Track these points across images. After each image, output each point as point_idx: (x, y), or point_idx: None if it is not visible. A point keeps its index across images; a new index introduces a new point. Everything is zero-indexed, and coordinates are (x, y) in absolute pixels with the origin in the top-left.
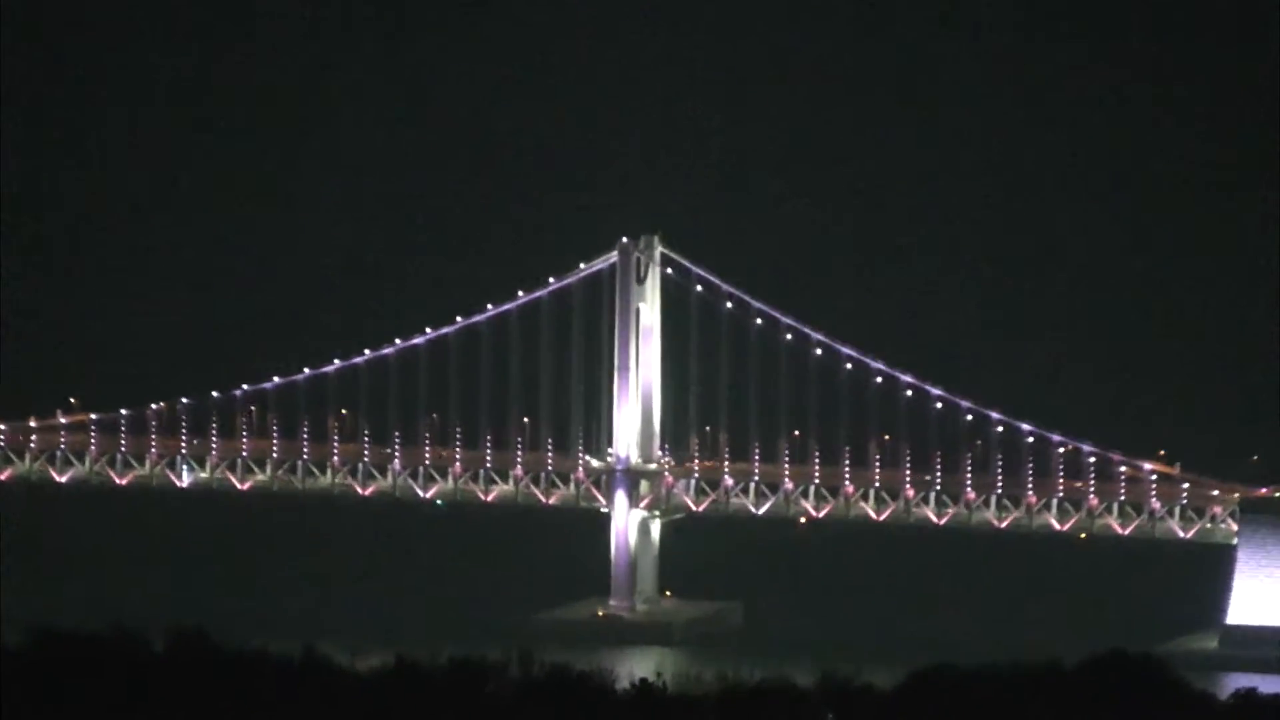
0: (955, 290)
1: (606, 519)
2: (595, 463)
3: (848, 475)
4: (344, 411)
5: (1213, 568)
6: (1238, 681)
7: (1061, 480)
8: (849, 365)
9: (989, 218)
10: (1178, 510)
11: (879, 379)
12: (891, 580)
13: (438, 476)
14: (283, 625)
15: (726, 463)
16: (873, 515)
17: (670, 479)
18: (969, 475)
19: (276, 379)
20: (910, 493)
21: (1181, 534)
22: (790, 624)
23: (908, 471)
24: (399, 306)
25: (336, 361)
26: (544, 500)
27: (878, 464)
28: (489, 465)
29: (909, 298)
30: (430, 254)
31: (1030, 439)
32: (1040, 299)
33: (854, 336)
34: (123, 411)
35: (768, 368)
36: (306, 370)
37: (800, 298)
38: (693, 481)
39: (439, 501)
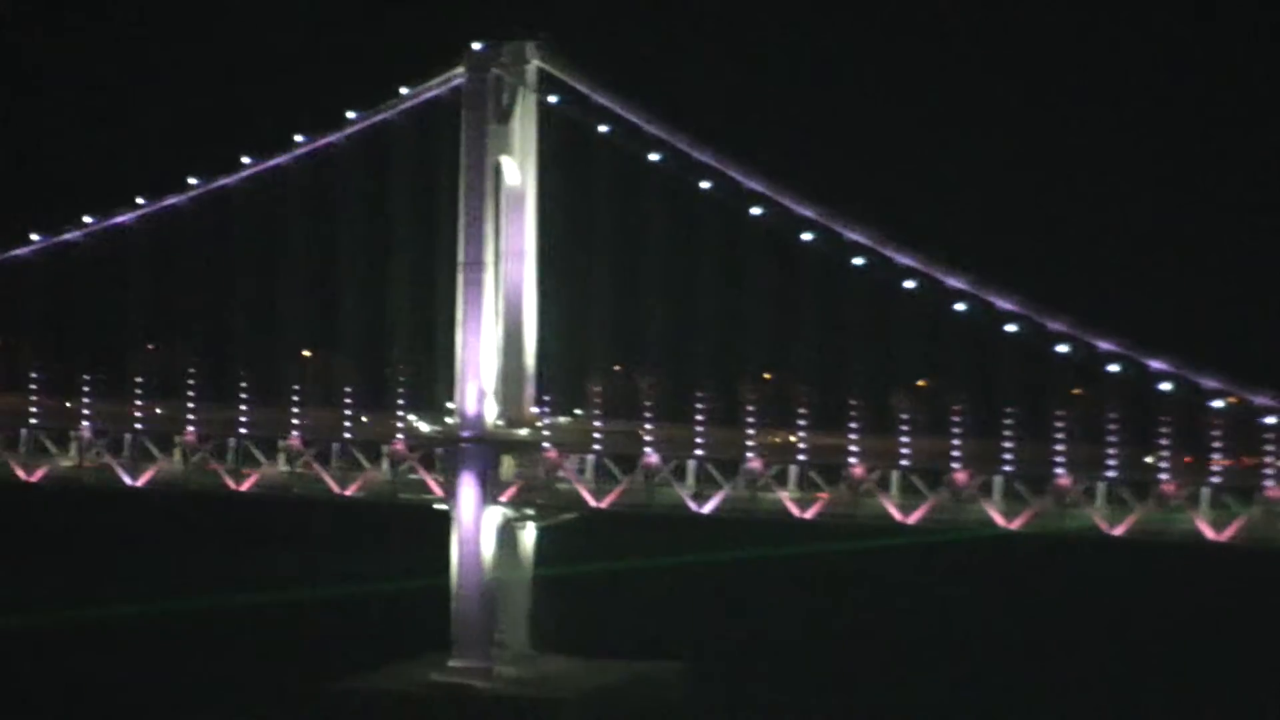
0: (1055, 157)
1: (445, 521)
2: (425, 426)
3: (853, 447)
4: None
5: None
6: None
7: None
8: (859, 260)
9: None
10: None
11: (910, 284)
12: (931, 621)
13: (157, 451)
14: None
15: (648, 425)
16: (895, 514)
17: (554, 453)
18: (1058, 445)
19: None
20: (961, 478)
21: None
22: (762, 695)
23: (954, 440)
24: (98, 165)
25: None
26: (337, 489)
27: (904, 426)
28: (245, 431)
29: (963, 162)
30: (153, 81)
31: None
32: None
33: (868, 216)
34: None
35: (720, 262)
36: None
37: (779, 147)
38: (591, 459)
39: None
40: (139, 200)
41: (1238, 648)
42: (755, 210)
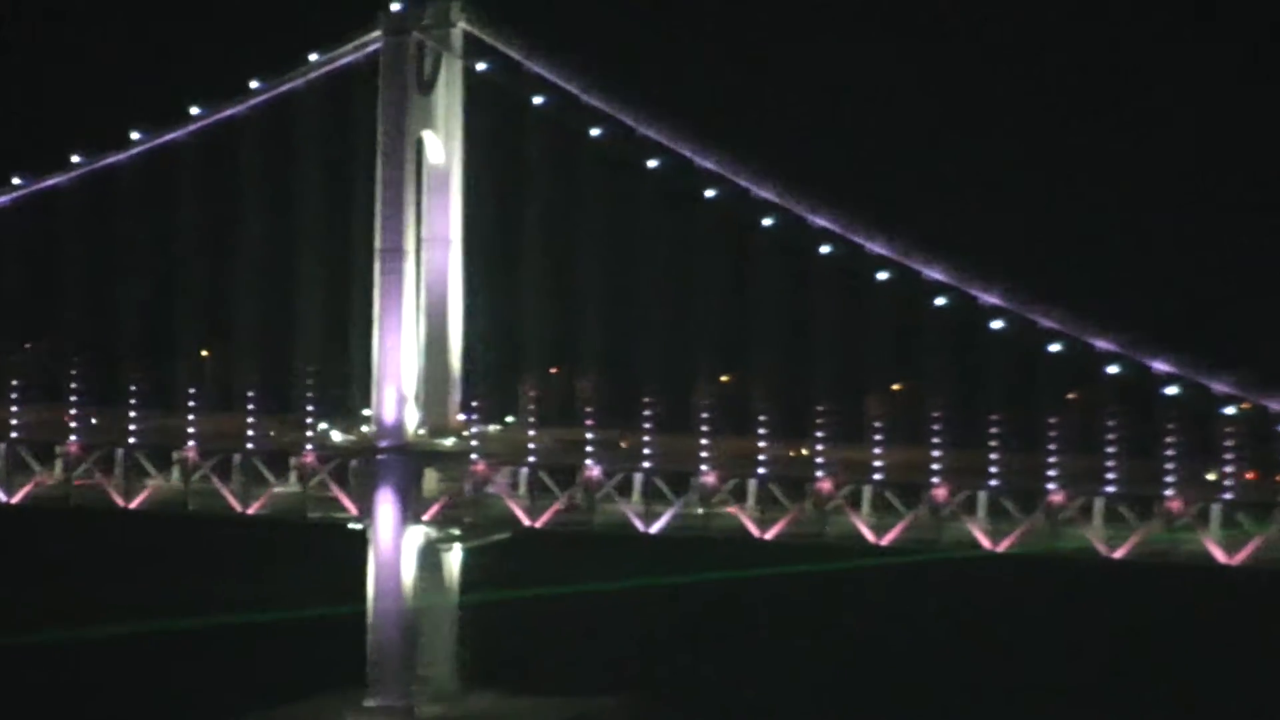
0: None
1: (361, 542)
2: (338, 435)
3: (820, 459)
4: None
5: None
6: None
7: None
8: (827, 249)
9: None
10: None
11: (884, 275)
12: (905, 651)
13: (35, 464)
14: None
15: (589, 434)
16: (867, 534)
17: (483, 466)
18: (1050, 457)
19: None
20: (942, 493)
21: None
22: None
23: (934, 451)
24: None
25: None
26: (238, 506)
27: (877, 436)
28: (135, 440)
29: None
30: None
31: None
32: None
33: (837, 200)
34: None
35: (670, 249)
36: None
37: (737, 123)
38: (525, 472)
39: None
40: (15, 180)
41: (1248, 680)
42: (709, 192)
